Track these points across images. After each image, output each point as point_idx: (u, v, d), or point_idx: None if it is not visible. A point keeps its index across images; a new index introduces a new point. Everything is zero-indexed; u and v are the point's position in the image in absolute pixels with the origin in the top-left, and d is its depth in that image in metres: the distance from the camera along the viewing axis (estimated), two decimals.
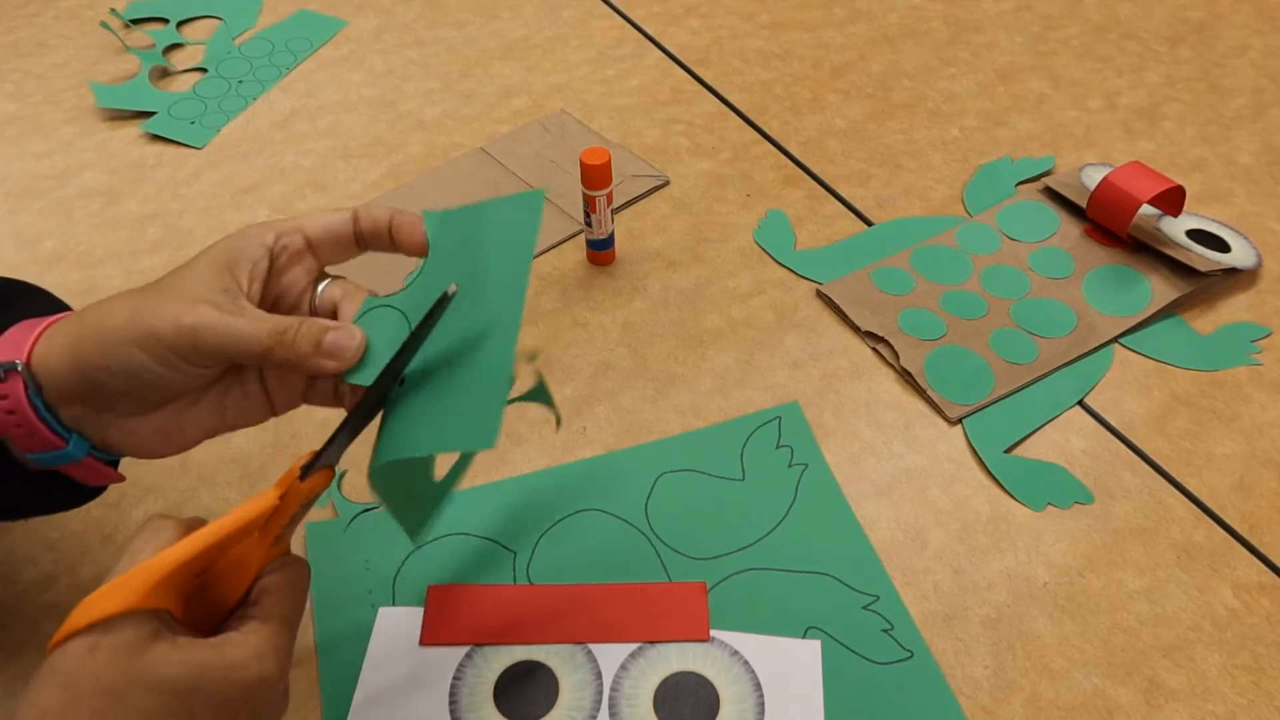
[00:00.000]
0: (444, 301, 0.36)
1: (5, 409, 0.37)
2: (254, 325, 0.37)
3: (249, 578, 0.37)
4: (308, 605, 0.48)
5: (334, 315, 0.41)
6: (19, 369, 0.37)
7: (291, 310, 0.42)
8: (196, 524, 0.36)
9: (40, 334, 0.39)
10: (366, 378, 0.38)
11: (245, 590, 0.37)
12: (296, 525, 0.38)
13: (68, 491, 0.42)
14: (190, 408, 0.40)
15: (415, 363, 0.38)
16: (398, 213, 0.41)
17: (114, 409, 0.39)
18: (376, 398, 0.37)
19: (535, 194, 0.38)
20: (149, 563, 0.33)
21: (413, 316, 0.38)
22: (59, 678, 0.32)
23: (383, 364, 0.37)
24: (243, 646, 0.34)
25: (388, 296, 0.40)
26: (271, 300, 0.41)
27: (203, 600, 0.36)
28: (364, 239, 0.42)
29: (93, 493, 0.43)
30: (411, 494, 0.41)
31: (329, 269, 0.43)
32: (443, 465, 0.44)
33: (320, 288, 0.42)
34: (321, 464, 0.36)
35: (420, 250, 0.41)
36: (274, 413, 0.42)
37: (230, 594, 0.36)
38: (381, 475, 0.37)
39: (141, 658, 0.32)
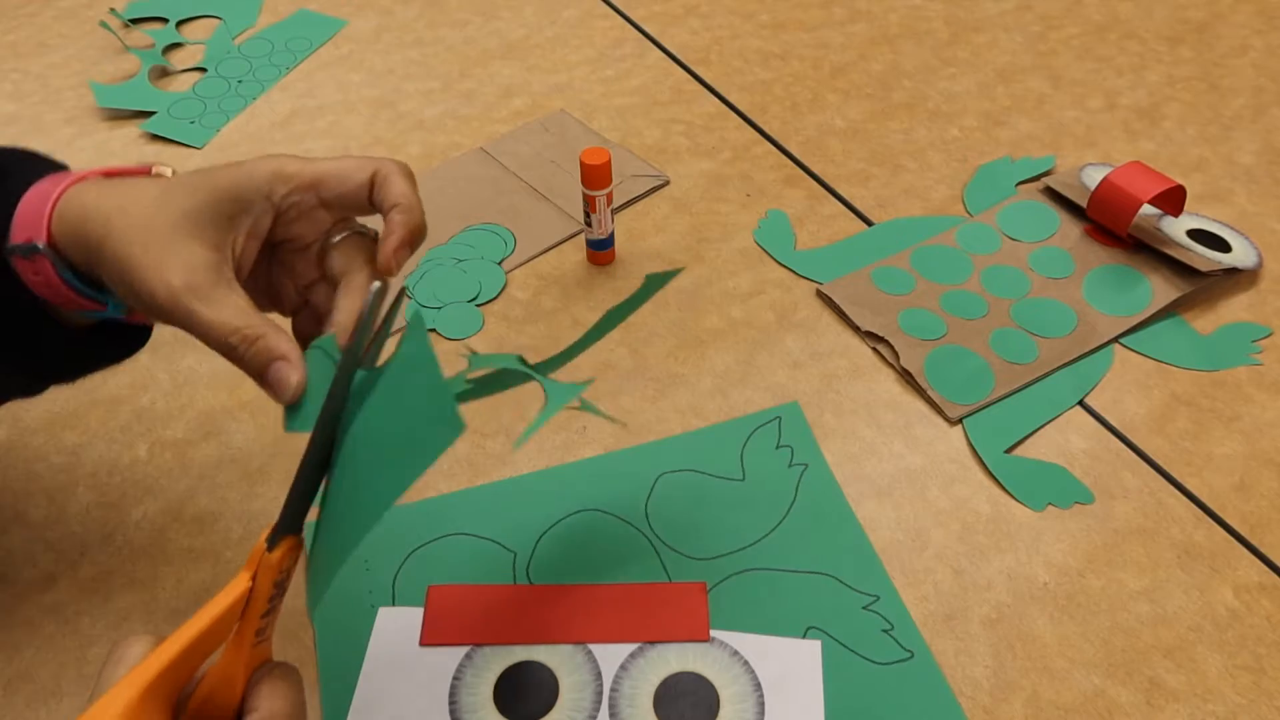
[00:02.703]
0: (380, 295, 0.34)
1: (42, 283, 0.38)
2: (212, 326, 0.37)
3: (241, 686, 0.34)
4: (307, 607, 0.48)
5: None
6: (42, 250, 0.37)
7: (296, 258, 0.42)
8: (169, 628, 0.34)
9: (52, 211, 0.38)
10: (302, 423, 0.37)
11: (239, 703, 0.34)
12: (276, 616, 0.35)
13: (118, 342, 0.43)
14: None
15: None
16: (402, 205, 0.39)
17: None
18: (316, 454, 0.35)
19: (455, 427, 0.32)
20: (125, 680, 0.31)
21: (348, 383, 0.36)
22: None
23: (316, 414, 0.35)
24: None
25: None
26: (278, 242, 0.41)
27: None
28: (377, 207, 0.40)
29: (143, 337, 0.44)
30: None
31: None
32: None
33: (336, 240, 0.41)
34: (285, 531, 0.34)
35: (385, 269, 0.39)
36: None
37: (227, 708, 0.34)
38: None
39: None
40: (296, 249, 0.42)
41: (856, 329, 0.61)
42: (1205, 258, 0.62)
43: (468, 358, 0.41)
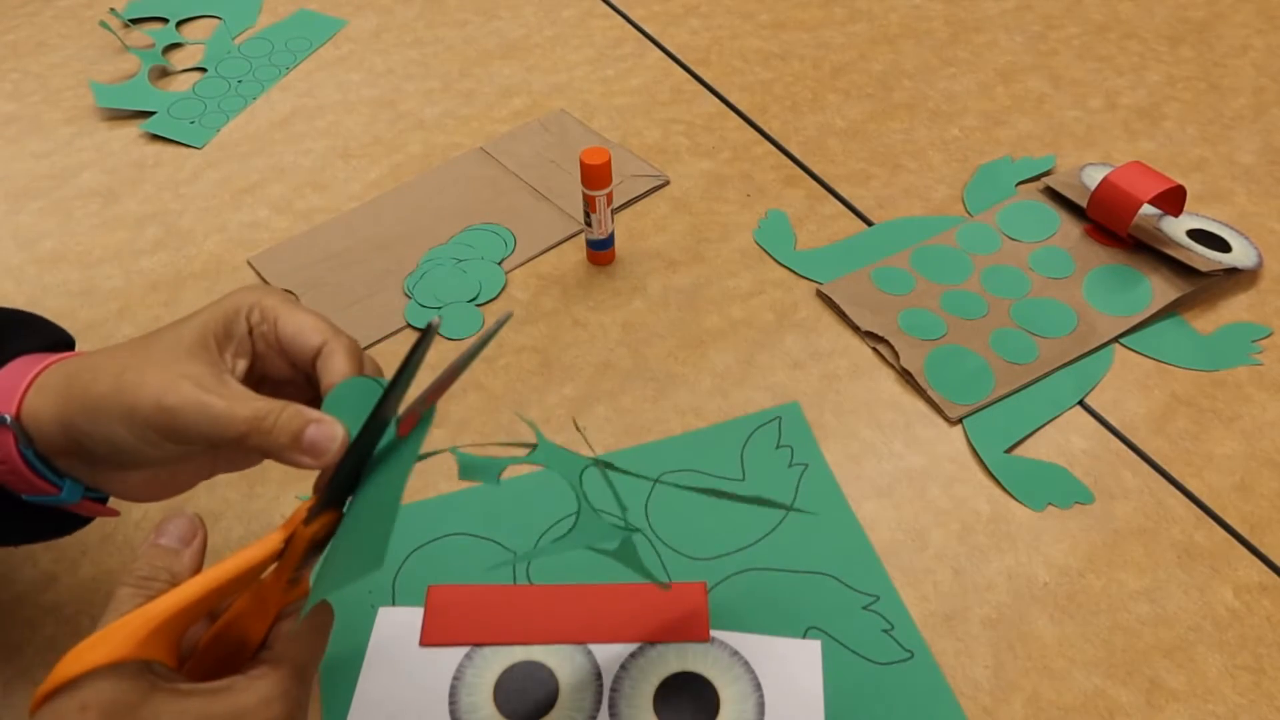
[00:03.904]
0: (429, 332, 0.34)
1: None
2: (232, 409, 0.35)
3: (268, 621, 0.35)
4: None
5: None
6: (8, 423, 0.37)
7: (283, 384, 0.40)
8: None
9: (31, 383, 0.38)
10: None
11: (264, 634, 0.35)
12: (311, 566, 0.36)
13: (60, 520, 0.42)
14: (181, 465, 0.40)
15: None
16: (322, 419, 0.36)
17: (104, 464, 0.39)
18: (366, 444, 0.35)
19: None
20: (141, 610, 0.32)
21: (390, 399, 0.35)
22: None
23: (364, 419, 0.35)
24: (249, 692, 0.33)
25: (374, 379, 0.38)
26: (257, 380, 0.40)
27: (223, 644, 0.35)
28: (319, 375, 0.38)
29: (85, 521, 0.43)
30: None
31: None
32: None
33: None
34: (326, 507, 0.35)
35: (315, 456, 0.36)
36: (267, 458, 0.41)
37: (250, 638, 0.35)
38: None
39: (138, 713, 0.31)
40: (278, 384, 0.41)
41: (856, 329, 0.61)
42: (1205, 258, 0.62)
43: (530, 450, 0.39)
